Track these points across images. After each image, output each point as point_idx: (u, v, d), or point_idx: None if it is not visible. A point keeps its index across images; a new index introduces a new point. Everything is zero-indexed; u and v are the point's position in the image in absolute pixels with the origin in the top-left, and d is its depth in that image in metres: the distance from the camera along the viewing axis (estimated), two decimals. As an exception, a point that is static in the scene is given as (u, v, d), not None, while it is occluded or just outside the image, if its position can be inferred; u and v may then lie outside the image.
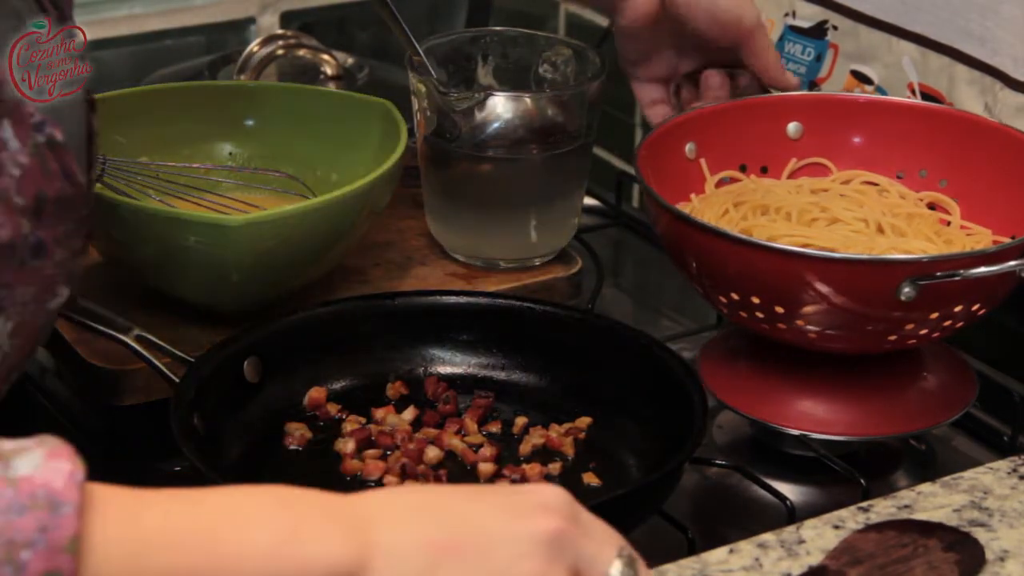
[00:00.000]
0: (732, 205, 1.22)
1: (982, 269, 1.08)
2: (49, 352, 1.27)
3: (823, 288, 1.09)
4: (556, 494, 0.82)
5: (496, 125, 1.31)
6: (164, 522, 0.76)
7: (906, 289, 1.07)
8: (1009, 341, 1.31)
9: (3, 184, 0.89)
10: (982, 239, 1.21)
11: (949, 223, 1.24)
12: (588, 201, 1.46)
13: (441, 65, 1.33)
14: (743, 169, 1.29)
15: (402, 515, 0.80)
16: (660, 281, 1.50)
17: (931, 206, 1.25)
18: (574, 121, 1.32)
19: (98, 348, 1.19)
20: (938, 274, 1.07)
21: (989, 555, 0.99)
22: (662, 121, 1.28)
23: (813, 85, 1.43)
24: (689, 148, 1.27)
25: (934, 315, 1.11)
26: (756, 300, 1.12)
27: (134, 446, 1.22)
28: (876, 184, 1.27)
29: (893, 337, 1.13)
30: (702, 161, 1.27)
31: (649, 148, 1.23)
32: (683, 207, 1.22)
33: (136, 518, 0.75)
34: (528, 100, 1.32)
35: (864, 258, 1.12)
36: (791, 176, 1.29)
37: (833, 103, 1.30)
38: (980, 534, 1.01)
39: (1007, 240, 1.18)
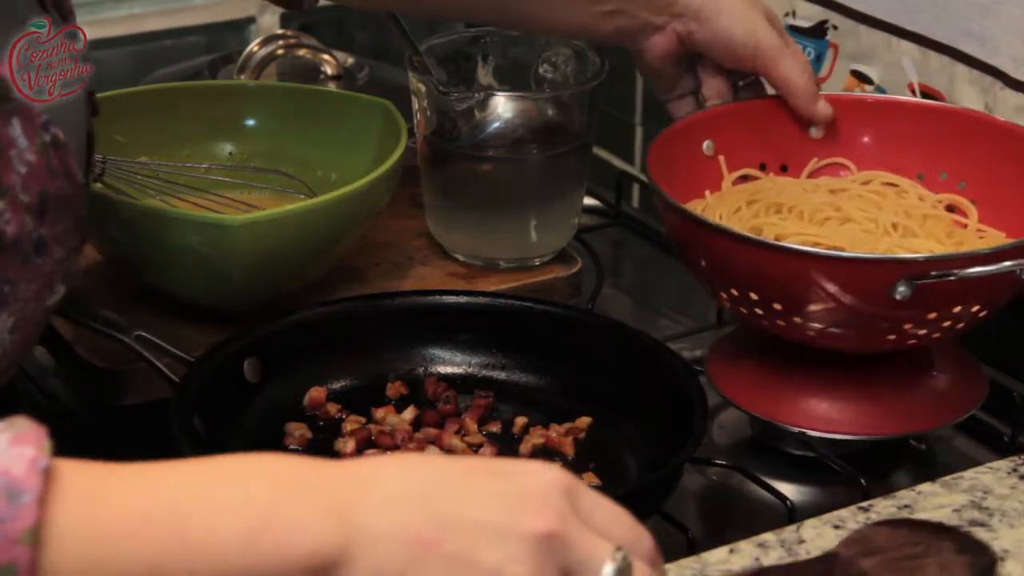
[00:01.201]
0: (745, 203, 1.22)
1: (977, 269, 1.07)
2: (49, 352, 1.26)
3: (820, 285, 1.09)
4: (554, 481, 0.78)
5: (496, 125, 1.31)
6: (131, 507, 0.73)
7: (901, 288, 1.07)
8: (1009, 341, 1.30)
9: (11, 181, 0.89)
10: (993, 241, 1.21)
11: (966, 225, 1.23)
12: (588, 201, 1.46)
13: (441, 65, 1.33)
14: (763, 168, 1.28)
15: (387, 502, 0.76)
16: (660, 281, 1.50)
17: (950, 208, 1.25)
18: (574, 121, 1.32)
19: (98, 348, 1.19)
20: (933, 273, 1.07)
21: (989, 555, 0.99)
22: (680, 117, 1.28)
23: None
24: (707, 145, 1.26)
25: (932, 315, 1.11)
26: (754, 296, 1.12)
27: (134, 446, 1.22)
28: (896, 185, 1.26)
29: (893, 336, 1.13)
30: (720, 158, 1.26)
31: (663, 143, 1.22)
32: (697, 204, 1.22)
33: (100, 504, 0.72)
34: (528, 100, 1.32)
35: (859, 256, 1.12)
36: (811, 176, 1.29)
37: (855, 104, 1.30)
38: (980, 534, 1.01)
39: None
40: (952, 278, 1.07)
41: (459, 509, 0.76)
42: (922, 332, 1.12)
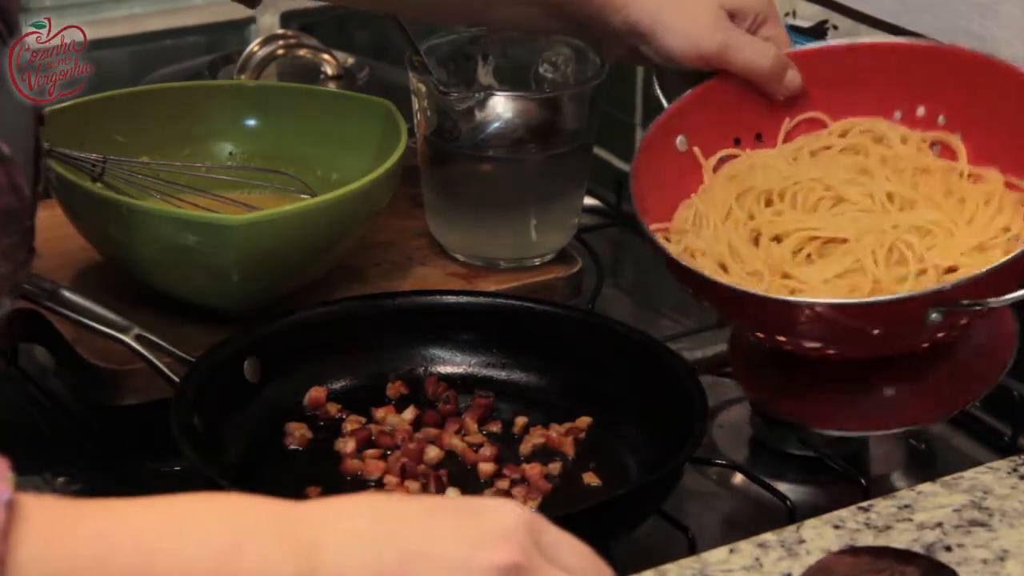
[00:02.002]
0: (735, 200, 1.20)
1: (1012, 295, 1.06)
2: (49, 352, 1.26)
3: (849, 328, 1.08)
4: (516, 518, 0.78)
5: (496, 125, 1.31)
6: (96, 540, 0.72)
7: (933, 316, 1.06)
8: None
9: None
10: (993, 187, 1.17)
11: (961, 173, 1.19)
12: (588, 201, 1.46)
13: (441, 65, 1.33)
14: (738, 143, 1.25)
15: (351, 540, 0.76)
16: (660, 281, 1.50)
17: (936, 145, 1.22)
18: (574, 121, 1.32)
19: (98, 348, 1.19)
20: (964, 303, 1.06)
21: (989, 555, 0.99)
22: (644, 133, 1.25)
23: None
24: (680, 141, 1.24)
25: (963, 322, 1.11)
26: (780, 338, 1.12)
27: (134, 446, 1.22)
28: (874, 131, 1.23)
29: (925, 344, 1.13)
30: (695, 150, 1.24)
31: (641, 162, 1.20)
32: (686, 210, 1.21)
33: (66, 540, 0.72)
34: (528, 100, 1.32)
35: (889, 300, 1.08)
36: (787, 138, 1.26)
37: (815, 55, 1.27)
38: (980, 534, 1.01)
39: (1018, 180, 1.16)
40: (981, 307, 1.07)
41: (422, 545, 0.76)
42: (953, 333, 1.12)
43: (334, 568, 0.75)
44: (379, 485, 1.10)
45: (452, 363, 1.21)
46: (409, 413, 1.16)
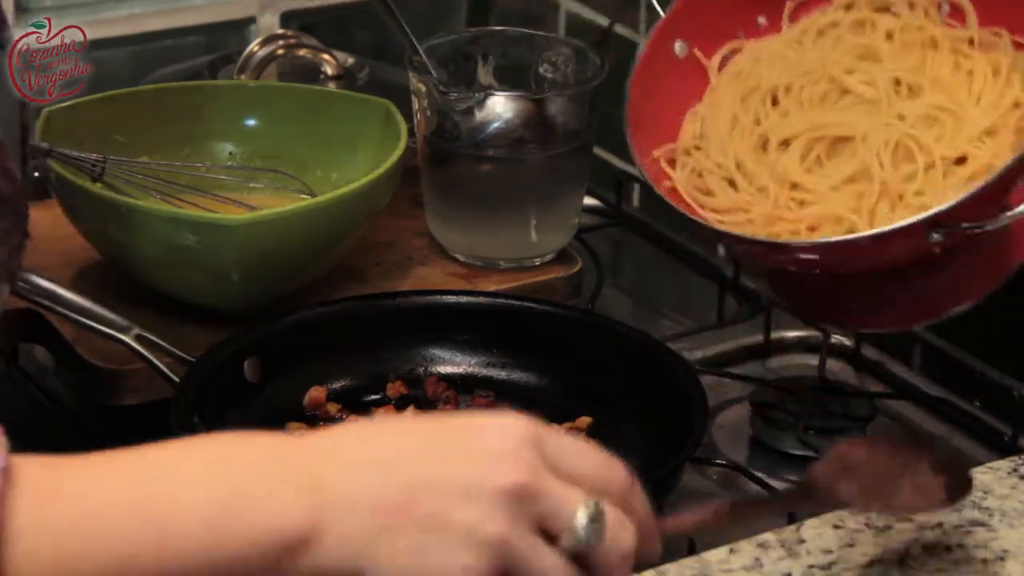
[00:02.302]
0: (740, 104, 1.16)
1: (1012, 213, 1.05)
2: (49, 352, 1.26)
3: (853, 260, 1.09)
4: (519, 434, 0.77)
5: (496, 125, 1.31)
6: (91, 494, 0.71)
7: (934, 236, 1.05)
8: (1009, 340, 1.30)
9: None
10: (1001, 53, 1.13)
11: (971, 40, 1.15)
12: (588, 201, 1.46)
13: (441, 65, 1.33)
14: (741, 37, 1.21)
15: (351, 472, 0.74)
16: (660, 281, 1.50)
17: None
18: (574, 121, 1.32)
19: (98, 348, 1.19)
20: (964, 225, 1.05)
21: (989, 555, 0.99)
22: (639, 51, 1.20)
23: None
24: (679, 48, 1.20)
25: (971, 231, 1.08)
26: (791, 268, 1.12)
27: (134, 446, 1.22)
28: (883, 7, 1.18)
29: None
30: (696, 51, 1.20)
31: (639, 79, 1.16)
32: (692, 123, 1.17)
33: (60, 496, 0.71)
34: (528, 100, 1.32)
35: (886, 231, 1.06)
36: (792, 17, 1.21)
37: None
38: (980, 534, 1.01)
39: None
40: (981, 229, 1.05)
41: (426, 470, 0.75)
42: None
43: (336, 504, 0.73)
44: (379, 485, 1.09)
45: (452, 363, 1.21)
46: (409, 413, 1.16)
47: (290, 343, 1.17)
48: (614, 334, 1.19)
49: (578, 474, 0.78)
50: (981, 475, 1.07)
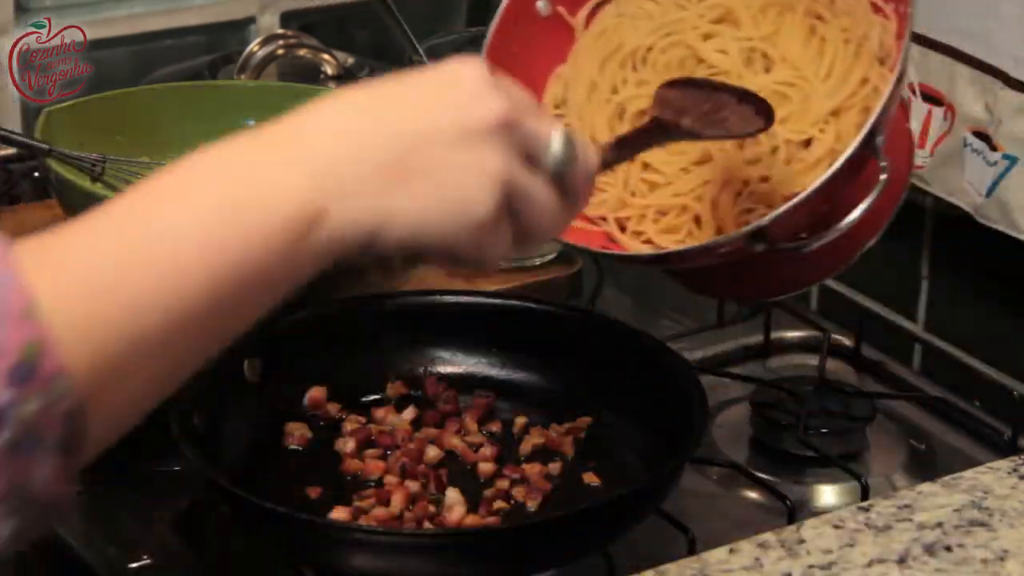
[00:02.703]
0: (599, 69, 1.13)
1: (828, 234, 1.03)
2: (49, 352, 1.26)
3: (692, 261, 1.08)
4: (475, 71, 0.79)
5: (496, 125, 1.30)
6: (104, 251, 0.72)
7: (759, 247, 1.04)
8: (1009, 340, 1.31)
9: None
10: (854, 19, 1.09)
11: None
12: (588, 201, 1.46)
13: (441, 65, 1.33)
14: None
15: (343, 143, 0.75)
16: (660, 281, 1.50)
17: None
18: (574, 121, 1.32)
19: (98, 348, 1.19)
20: (780, 246, 1.03)
21: (989, 555, 0.99)
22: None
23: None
24: (542, 5, 1.16)
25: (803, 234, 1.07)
26: None
27: (134, 446, 1.22)
28: None
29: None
30: (560, 9, 1.16)
31: (496, 42, 1.13)
32: (555, 86, 1.15)
33: (73, 258, 0.71)
34: (528, 100, 1.31)
35: (710, 245, 1.05)
36: None
37: None
38: (980, 534, 1.01)
39: (884, 2, 1.09)
40: (805, 248, 1.04)
41: (410, 126, 0.76)
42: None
43: (341, 169, 0.74)
44: (379, 485, 1.10)
45: (452, 363, 1.21)
46: (409, 413, 1.16)
47: (290, 343, 1.17)
48: (614, 334, 1.18)
49: (515, 98, 0.80)
50: (981, 475, 1.07)
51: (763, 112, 1.01)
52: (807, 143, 1.08)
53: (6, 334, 0.65)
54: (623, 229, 1.11)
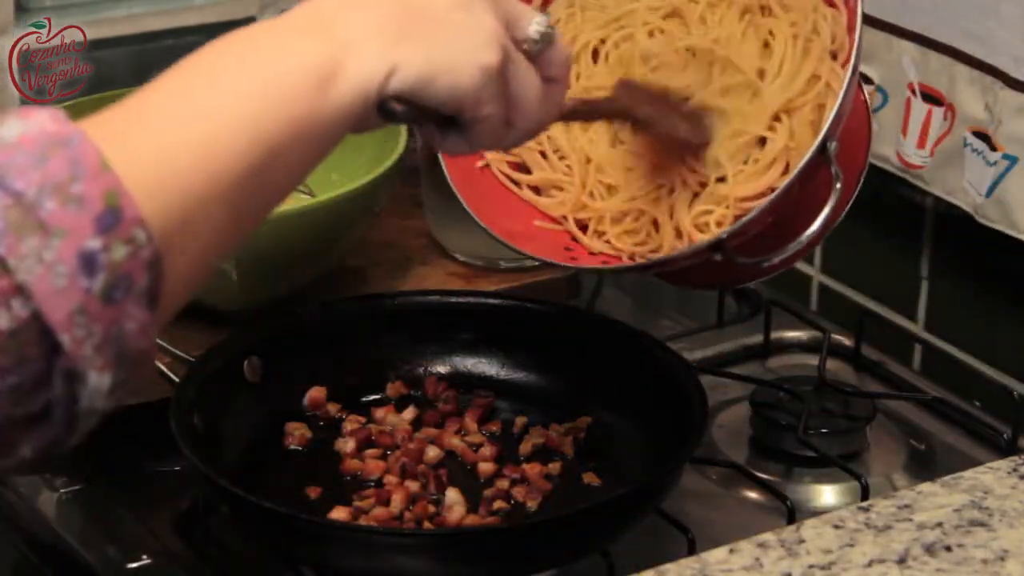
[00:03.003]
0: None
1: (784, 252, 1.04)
2: (49, 352, 1.26)
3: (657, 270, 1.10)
4: None
5: (496, 125, 1.30)
6: (166, 114, 0.76)
7: (717, 257, 1.05)
8: (1008, 341, 1.31)
9: None
10: (802, 12, 1.08)
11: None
12: (588, 201, 1.46)
13: (441, 65, 1.33)
14: None
15: (350, 5, 0.82)
16: (660, 281, 1.50)
17: None
18: (574, 121, 1.32)
19: (98, 348, 1.19)
20: (740, 261, 1.05)
21: (989, 555, 0.99)
22: None
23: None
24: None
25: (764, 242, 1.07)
26: None
27: (134, 446, 1.22)
28: None
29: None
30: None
31: None
32: None
33: (136, 124, 0.76)
34: (528, 100, 1.31)
35: (671, 256, 1.06)
36: None
37: None
38: (980, 534, 1.01)
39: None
40: (764, 263, 1.05)
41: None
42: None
43: (353, 28, 0.81)
44: (379, 485, 1.10)
45: (452, 363, 1.21)
46: (409, 413, 1.16)
47: (290, 343, 1.17)
48: (614, 334, 1.18)
49: None
50: (981, 475, 1.07)
51: (704, 129, 1.08)
52: (762, 141, 1.08)
53: (88, 185, 0.69)
54: (584, 229, 1.11)
